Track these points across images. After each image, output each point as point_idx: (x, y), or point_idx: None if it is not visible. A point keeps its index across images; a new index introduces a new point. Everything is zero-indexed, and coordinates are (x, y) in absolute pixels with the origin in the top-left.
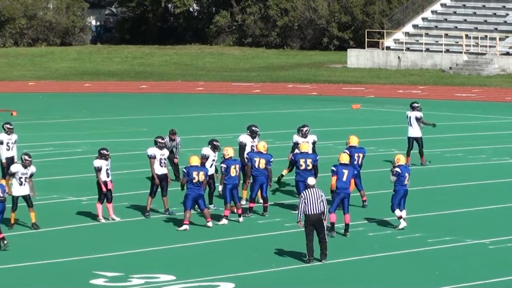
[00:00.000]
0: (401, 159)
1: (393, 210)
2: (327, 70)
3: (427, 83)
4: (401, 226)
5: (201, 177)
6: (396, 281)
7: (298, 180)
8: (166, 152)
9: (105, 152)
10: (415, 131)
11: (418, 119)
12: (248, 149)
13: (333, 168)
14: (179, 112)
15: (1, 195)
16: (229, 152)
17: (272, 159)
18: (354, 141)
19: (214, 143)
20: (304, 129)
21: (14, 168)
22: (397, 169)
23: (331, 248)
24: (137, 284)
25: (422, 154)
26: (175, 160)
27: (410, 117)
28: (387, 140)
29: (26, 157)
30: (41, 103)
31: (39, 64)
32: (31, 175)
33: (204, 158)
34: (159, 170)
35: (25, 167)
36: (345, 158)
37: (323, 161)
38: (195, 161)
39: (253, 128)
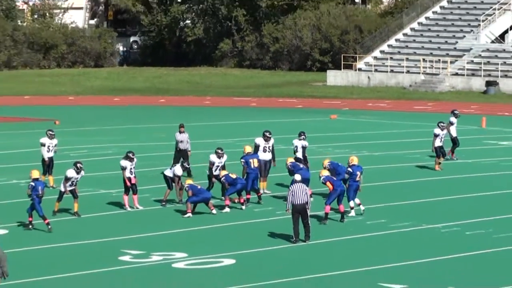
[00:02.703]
0: (354, 160)
1: (349, 201)
2: (310, 87)
3: (392, 98)
4: (352, 213)
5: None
6: (366, 257)
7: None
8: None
9: (130, 155)
10: (454, 132)
11: (452, 123)
12: (260, 150)
13: (324, 179)
14: (190, 121)
15: (41, 192)
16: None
17: (259, 157)
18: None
19: (218, 151)
20: (304, 135)
21: (69, 174)
22: (349, 169)
23: (314, 231)
24: (156, 260)
25: (454, 151)
26: (189, 153)
27: (450, 121)
28: (358, 144)
29: (80, 165)
30: (79, 114)
31: (77, 82)
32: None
33: (212, 164)
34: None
35: (78, 172)
36: (326, 173)
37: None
38: (190, 181)
39: (265, 133)
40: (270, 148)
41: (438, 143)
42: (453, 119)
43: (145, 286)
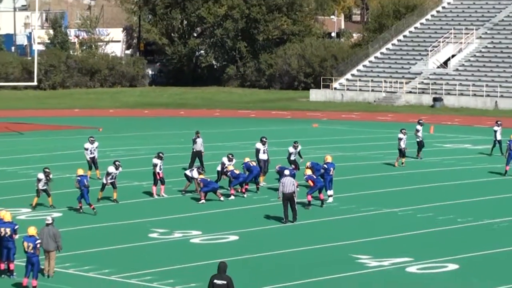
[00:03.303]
0: (328, 158)
1: (326, 190)
2: (297, 102)
3: (360, 111)
4: (330, 200)
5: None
6: (340, 234)
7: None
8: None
9: (161, 154)
10: (421, 136)
11: (418, 130)
12: (260, 152)
13: (306, 178)
14: (204, 128)
15: (87, 184)
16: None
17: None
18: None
19: (229, 156)
20: (296, 144)
21: (110, 169)
22: (325, 165)
23: (300, 214)
24: (178, 236)
25: (419, 152)
26: (202, 154)
27: (416, 129)
28: (334, 146)
29: (118, 163)
30: (118, 123)
31: (116, 98)
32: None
33: (223, 165)
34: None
35: (117, 168)
36: (309, 172)
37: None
38: (202, 176)
39: (262, 138)
40: (267, 150)
41: (402, 145)
42: (418, 127)
43: (169, 256)
